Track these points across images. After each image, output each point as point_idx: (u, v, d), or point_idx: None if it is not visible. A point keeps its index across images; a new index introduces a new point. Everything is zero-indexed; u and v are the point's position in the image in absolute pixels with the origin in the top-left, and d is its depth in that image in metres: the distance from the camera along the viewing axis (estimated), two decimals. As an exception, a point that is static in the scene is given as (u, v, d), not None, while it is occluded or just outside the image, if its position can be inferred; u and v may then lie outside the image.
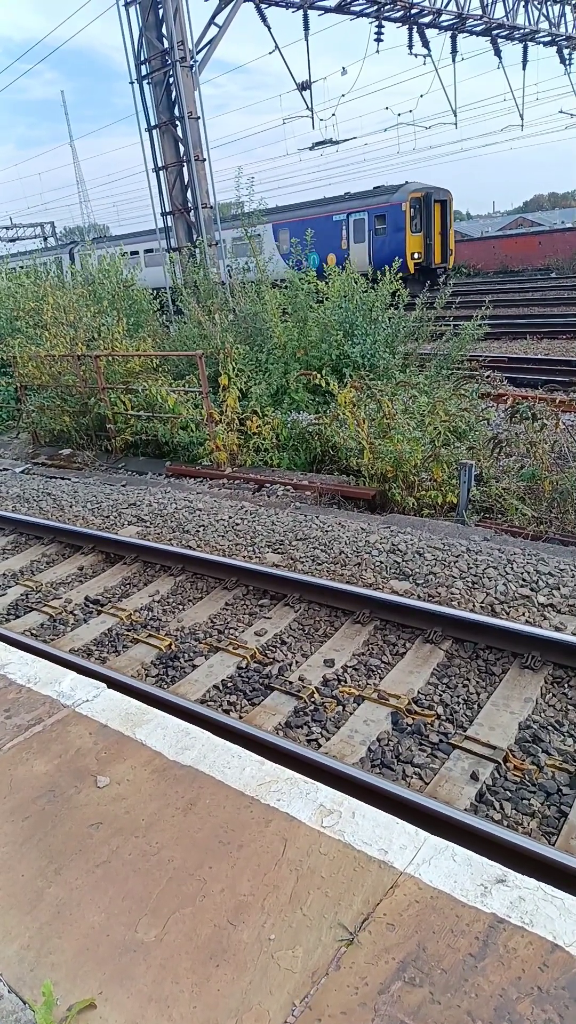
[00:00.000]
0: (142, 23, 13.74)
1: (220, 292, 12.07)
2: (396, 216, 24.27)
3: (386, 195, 24.68)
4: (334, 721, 3.82)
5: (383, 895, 1.89)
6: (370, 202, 25.08)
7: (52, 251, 35.92)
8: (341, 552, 5.72)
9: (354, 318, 9.97)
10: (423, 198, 24.15)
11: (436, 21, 18.61)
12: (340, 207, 25.90)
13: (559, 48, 21.89)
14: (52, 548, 6.75)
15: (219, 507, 7.21)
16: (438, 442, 7.14)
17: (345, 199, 26.05)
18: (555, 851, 2.75)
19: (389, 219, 24.45)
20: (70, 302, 11.83)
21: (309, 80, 17.97)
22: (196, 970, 1.75)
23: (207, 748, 2.55)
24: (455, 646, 4.36)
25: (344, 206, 25.83)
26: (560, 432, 7.35)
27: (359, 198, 25.67)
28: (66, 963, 1.81)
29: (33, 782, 2.47)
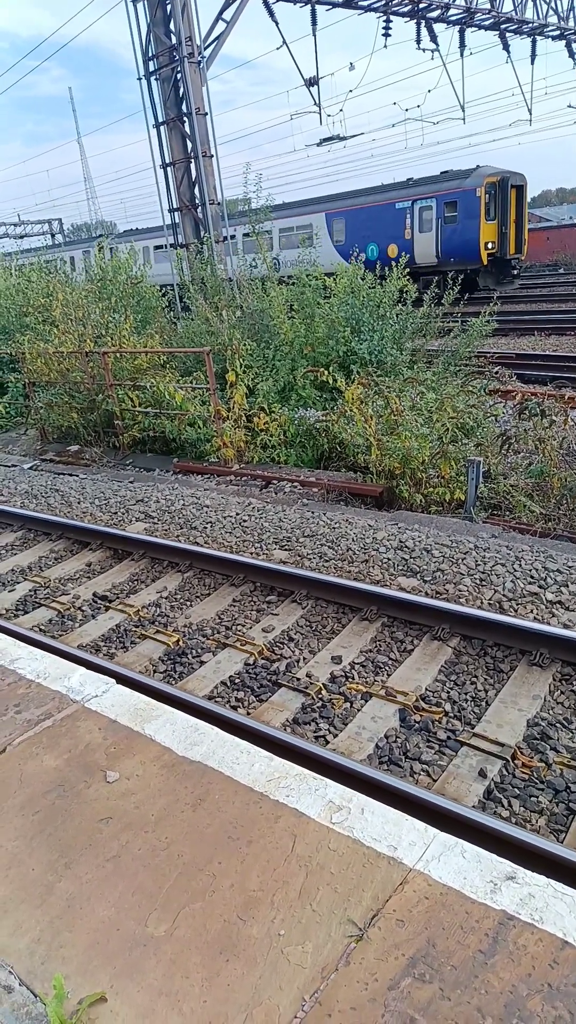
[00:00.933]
0: (150, 19, 13.73)
1: (227, 288, 12.06)
2: (469, 202, 22.13)
3: (458, 180, 22.64)
4: (342, 718, 3.82)
5: (393, 891, 1.89)
6: (439, 188, 22.97)
7: (77, 245, 34.80)
8: (348, 549, 5.72)
9: (361, 314, 9.94)
10: (499, 183, 22.15)
11: (444, 15, 18.51)
12: (404, 194, 24.00)
13: (568, 42, 21.73)
14: (60, 544, 6.77)
15: (226, 504, 7.21)
16: (446, 439, 7.11)
17: (408, 185, 24.20)
18: (564, 848, 2.74)
19: (461, 206, 22.31)
20: (79, 298, 11.84)
21: (317, 76, 17.91)
22: (206, 964, 1.75)
23: (216, 744, 2.55)
24: (463, 643, 4.35)
25: (408, 192, 23.90)
26: (569, 429, 7.32)
27: (425, 184, 23.68)
28: (77, 957, 1.82)
29: (43, 777, 2.48)
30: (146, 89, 14.23)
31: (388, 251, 23.31)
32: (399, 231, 23.92)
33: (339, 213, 25.47)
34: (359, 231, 24.55)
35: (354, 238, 24.34)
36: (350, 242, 24.16)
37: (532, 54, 21.46)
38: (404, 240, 23.52)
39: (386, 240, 23.94)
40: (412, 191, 23.80)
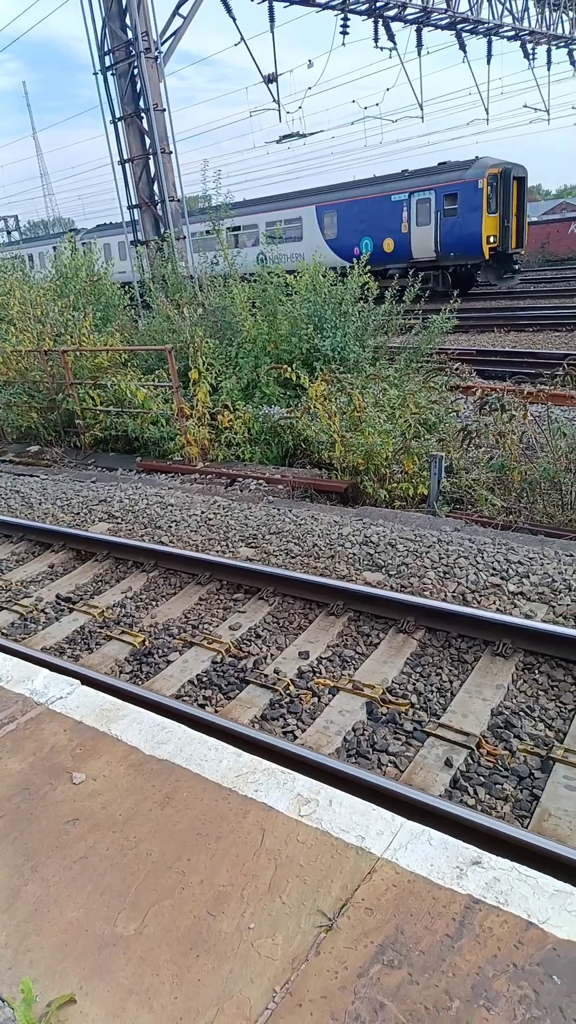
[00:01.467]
0: (105, 13, 13.56)
1: (189, 286, 11.98)
2: (470, 195, 21.26)
3: (458, 171, 21.72)
4: (309, 712, 3.84)
5: (361, 881, 1.91)
6: (438, 179, 22.05)
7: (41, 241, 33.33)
8: (314, 545, 5.74)
9: (323, 311, 9.98)
10: (501, 174, 21.34)
11: (401, 14, 18.66)
12: (400, 186, 22.98)
13: (523, 43, 22.09)
14: (21, 546, 6.67)
15: (191, 502, 7.18)
16: (409, 434, 7.19)
17: (405, 177, 23.27)
18: (528, 833, 2.80)
19: (462, 198, 21.43)
20: (37, 296, 11.65)
21: (275, 73, 17.89)
22: (177, 961, 1.75)
23: (184, 741, 2.55)
24: (428, 635, 4.41)
25: (405, 184, 22.88)
26: (528, 423, 7.45)
27: (423, 175, 22.71)
28: (45, 960, 1.80)
29: (7, 780, 2.44)
30: (102, 84, 14.06)
31: (384, 246, 23.06)
32: (395, 225, 23.00)
33: (330, 206, 24.43)
34: (352, 225, 23.85)
35: (347, 232, 23.81)
36: (343, 237, 23.83)
37: (488, 54, 21.78)
38: (401, 234, 22.80)
39: (382, 234, 23.18)
40: (409, 183, 22.84)
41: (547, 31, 21.75)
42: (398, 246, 22.94)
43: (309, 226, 24.86)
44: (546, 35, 21.89)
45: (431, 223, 22.25)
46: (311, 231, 24.81)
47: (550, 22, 21.74)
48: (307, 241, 24.41)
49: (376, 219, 23.26)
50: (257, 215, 25.87)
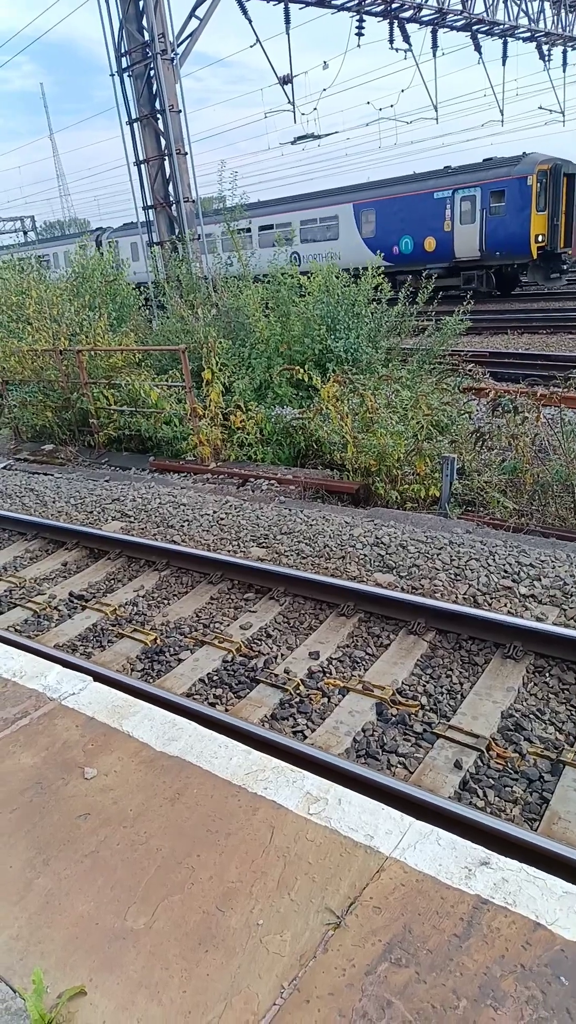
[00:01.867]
0: (122, 15, 13.63)
1: (203, 287, 12.02)
2: (519, 192, 20.24)
3: (506, 167, 20.75)
4: (319, 712, 3.85)
5: (369, 879, 1.92)
6: (484, 176, 21.01)
7: (62, 241, 32.58)
8: (325, 546, 5.75)
9: (336, 312, 9.98)
10: (551, 170, 20.34)
11: (417, 16, 18.63)
12: (443, 183, 21.94)
13: (538, 44, 22.00)
14: (35, 544, 6.72)
15: (203, 502, 7.20)
16: (421, 436, 7.18)
17: (448, 173, 22.17)
18: (537, 836, 2.80)
19: (509, 196, 20.45)
20: (53, 296, 11.73)
21: (291, 74, 17.92)
22: (186, 956, 1.77)
23: (194, 739, 2.56)
24: (438, 637, 4.40)
25: (448, 181, 21.84)
26: (541, 425, 7.43)
27: (468, 172, 21.71)
28: (56, 952, 1.82)
29: (20, 775, 2.47)
30: (119, 86, 14.13)
31: (425, 244, 22.37)
32: (438, 223, 22.00)
33: (369, 204, 23.51)
34: (391, 223, 23.08)
35: (386, 231, 23.13)
36: (382, 235, 23.17)
37: (503, 55, 21.69)
38: (443, 232, 21.87)
39: (423, 233, 22.27)
40: (453, 180, 21.79)
41: (563, 32, 21.66)
42: (440, 245, 22.26)
43: (346, 224, 24.13)
44: (562, 36, 21.80)
45: (476, 221, 21.29)
46: (348, 230, 24.14)
47: (566, 23, 21.65)
48: (343, 240, 23.93)
49: (417, 217, 22.38)
50: (291, 213, 25.32)
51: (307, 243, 24.88)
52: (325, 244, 24.14)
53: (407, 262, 22.57)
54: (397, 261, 22.55)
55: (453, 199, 21.72)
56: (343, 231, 24.30)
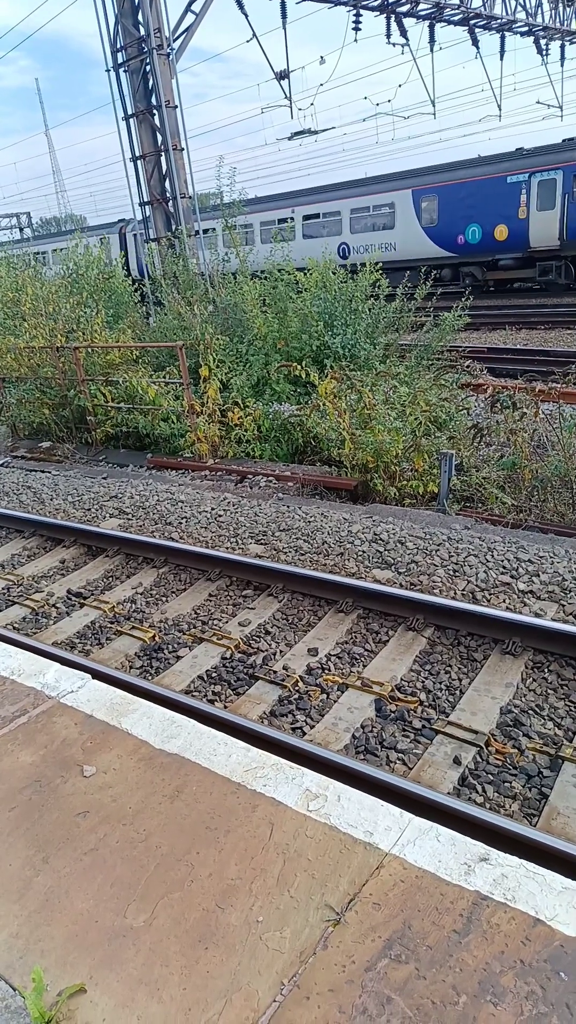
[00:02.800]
0: (117, 9, 13.55)
1: (200, 283, 11.99)
2: None
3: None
4: (318, 709, 3.85)
5: (369, 876, 1.92)
6: (568, 157, 19.20)
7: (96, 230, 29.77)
8: (324, 542, 5.74)
9: (333, 308, 9.96)
10: None
11: (414, 10, 18.55)
12: (518, 165, 20.11)
13: (536, 38, 21.91)
14: (33, 541, 6.71)
15: (201, 499, 7.20)
16: (419, 432, 7.17)
17: (523, 155, 20.40)
18: (537, 831, 2.80)
19: None
20: (49, 293, 11.70)
21: (287, 69, 17.84)
22: (185, 953, 1.77)
23: (193, 736, 2.56)
24: (437, 633, 4.41)
25: (524, 164, 19.99)
26: (539, 421, 7.42)
27: (547, 153, 19.87)
28: (55, 950, 1.82)
29: (19, 773, 2.47)
30: (115, 81, 14.05)
31: (495, 233, 20.71)
32: (511, 209, 20.16)
33: (430, 190, 21.71)
34: (456, 210, 21.32)
35: (450, 219, 21.45)
36: (445, 224, 21.59)
37: (501, 50, 21.60)
38: (517, 220, 20.09)
39: (493, 220, 20.50)
40: (529, 162, 19.96)
41: (561, 27, 21.56)
42: (513, 233, 20.44)
43: (403, 212, 22.38)
44: (559, 31, 21.71)
45: (556, 207, 19.42)
46: (406, 218, 22.40)
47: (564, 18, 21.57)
48: (400, 229, 22.51)
49: (487, 203, 20.58)
50: (340, 201, 23.71)
51: (359, 233, 23.37)
52: (379, 234, 22.83)
53: (474, 252, 21.33)
54: (462, 252, 21.44)
55: (529, 183, 19.74)
56: (400, 220, 22.64)
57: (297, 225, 24.42)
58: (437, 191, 21.68)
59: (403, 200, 22.39)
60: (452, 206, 21.44)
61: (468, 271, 21.75)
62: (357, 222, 23.42)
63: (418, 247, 21.63)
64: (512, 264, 20.54)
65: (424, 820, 2.11)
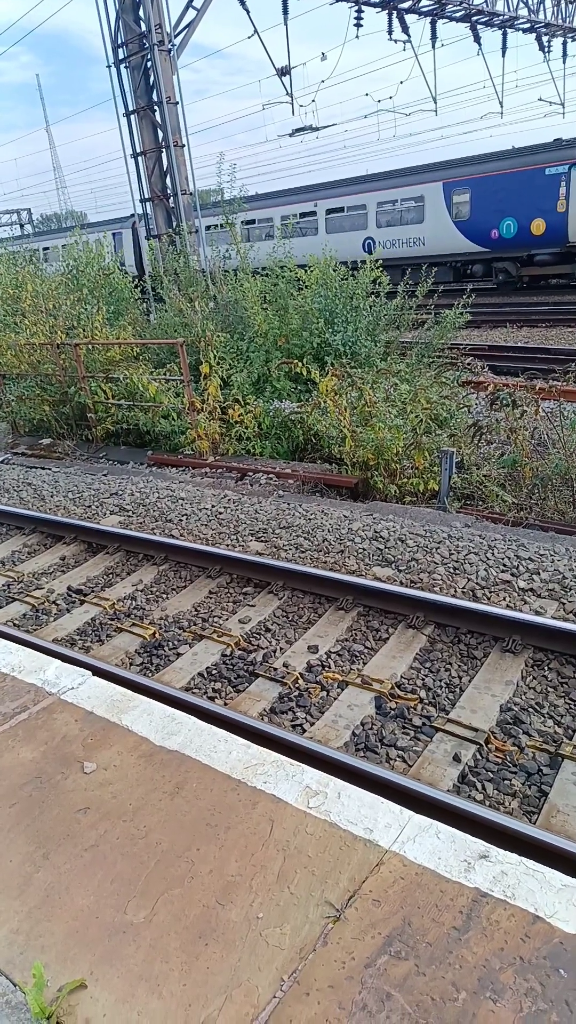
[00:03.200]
0: (118, 5, 13.52)
1: (201, 280, 11.97)
2: None
3: None
4: (318, 706, 3.86)
5: (369, 872, 1.93)
6: None
7: (106, 225, 28.77)
8: (324, 540, 5.74)
9: (334, 306, 9.95)
10: None
11: (416, 6, 18.49)
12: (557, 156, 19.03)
13: (538, 35, 21.85)
14: (33, 538, 6.71)
15: (202, 496, 7.20)
16: (419, 430, 7.17)
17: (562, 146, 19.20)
18: (536, 829, 2.80)
19: None
20: (49, 289, 11.68)
21: (289, 65, 17.79)
22: (186, 949, 1.77)
23: (193, 733, 2.57)
24: (437, 631, 4.41)
25: (563, 155, 18.94)
26: (540, 419, 7.42)
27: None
28: (56, 945, 1.82)
29: (19, 769, 2.47)
30: (115, 77, 14.02)
31: (532, 227, 19.78)
32: (549, 202, 19.16)
33: (463, 182, 20.71)
34: (490, 204, 20.28)
35: (483, 212, 20.44)
36: (477, 218, 20.58)
37: (503, 47, 21.52)
38: (556, 214, 19.11)
39: (529, 214, 19.54)
40: (569, 153, 18.86)
41: (563, 23, 21.50)
42: (551, 227, 19.46)
43: (433, 206, 21.37)
44: (562, 28, 21.65)
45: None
46: (436, 211, 21.38)
47: (566, 15, 21.51)
48: (430, 223, 21.47)
49: (523, 196, 19.59)
50: (366, 194, 22.73)
51: (385, 228, 22.47)
52: (407, 228, 21.93)
53: (508, 247, 20.42)
54: (496, 246, 20.53)
55: (570, 175, 18.71)
56: (430, 213, 21.58)
57: (320, 219, 23.74)
58: (470, 184, 20.66)
59: (433, 193, 21.35)
60: (486, 199, 20.51)
61: (501, 267, 21.02)
62: (384, 216, 22.54)
63: (448, 242, 20.83)
64: (549, 259, 19.65)
65: (424, 817, 2.11)
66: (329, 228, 23.52)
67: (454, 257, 20.07)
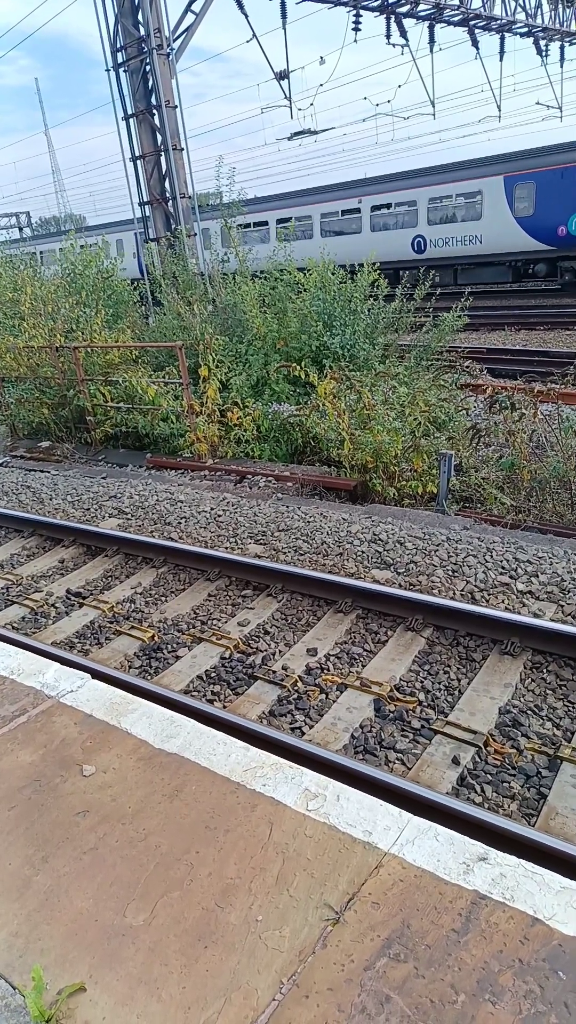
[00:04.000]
0: (117, 9, 13.56)
1: (199, 283, 11.99)
2: None
3: None
4: (317, 709, 3.86)
5: (368, 875, 1.93)
6: None
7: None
8: (323, 542, 5.75)
9: (332, 309, 9.96)
10: None
11: (414, 11, 18.55)
12: None
13: (535, 39, 21.91)
14: (32, 541, 6.71)
15: (200, 499, 7.20)
16: (418, 432, 7.18)
17: None
18: (535, 831, 2.81)
19: None
20: (48, 293, 11.69)
21: (287, 69, 17.84)
22: (185, 952, 1.77)
23: (192, 736, 2.57)
24: (436, 633, 4.41)
25: None
26: (538, 422, 7.43)
27: None
28: (55, 948, 1.82)
29: (18, 772, 2.47)
30: (114, 81, 14.06)
31: None
32: None
33: (526, 176, 19.40)
34: (558, 198, 18.89)
35: (549, 208, 19.10)
36: (543, 214, 19.27)
37: (501, 51, 21.59)
38: None
39: None
40: None
41: (560, 28, 21.57)
42: None
43: (493, 202, 20.12)
44: (559, 32, 21.71)
45: None
46: (496, 208, 20.09)
47: (563, 19, 21.58)
48: (488, 220, 20.24)
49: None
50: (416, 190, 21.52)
51: (437, 225, 21.22)
52: (462, 226, 20.71)
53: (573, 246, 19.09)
54: (563, 244, 19.27)
55: None
56: (488, 209, 20.30)
57: (364, 216, 22.58)
58: (534, 177, 19.31)
59: (493, 188, 19.98)
60: (553, 194, 19.09)
61: (569, 266, 19.78)
62: (436, 212, 21.19)
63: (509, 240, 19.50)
64: None
65: (423, 820, 2.11)
66: (374, 226, 22.40)
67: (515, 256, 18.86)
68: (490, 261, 17.62)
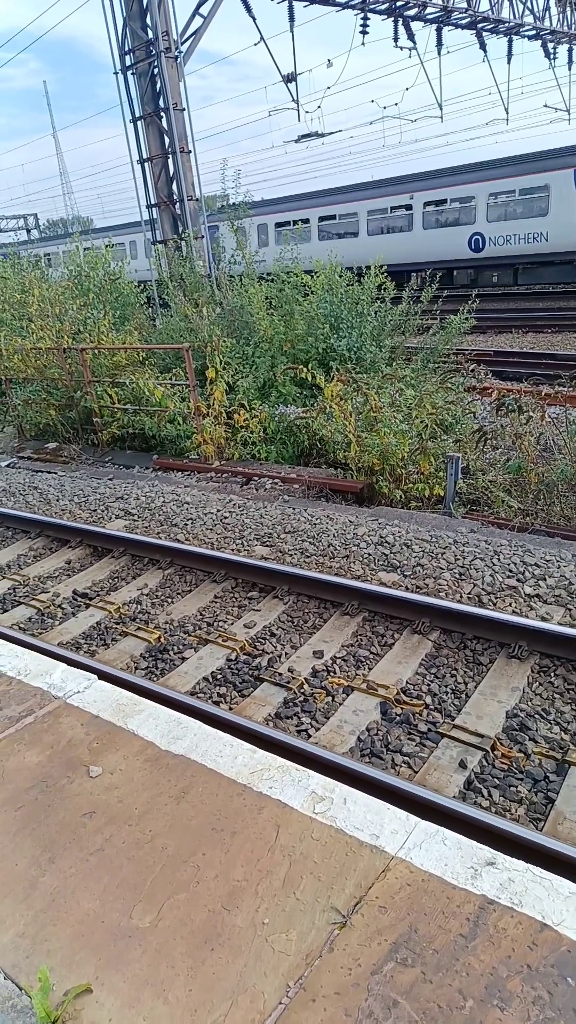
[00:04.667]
0: (126, 13, 13.61)
1: (207, 285, 12.01)
2: None
3: None
4: (323, 711, 3.85)
5: (375, 879, 1.92)
6: None
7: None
8: (329, 545, 5.74)
9: (339, 311, 9.96)
10: None
11: (422, 14, 18.56)
12: None
13: (544, 42, 21.89)
14: (39, 542, 6.72)
15: (207, 500, 7.20)
16: (425, 435, 7.17)
17: None
18: (543, 836, 2.79)
19: None
20: (56, 295, 11.74)
21: (295, 72, 17.85)
22: (191, 954, 1.77)
23: (199, 737, 2.56)
24: (443, 636, 4.40)
25: None
26: (545, 425, 7.41)
27: None
28: (62, 950, 1.82)
29: (25, 773, 2.47)
30: (122, 84, 14.11)
31: None
32: None
33: None
34: None
35: None
36: None
37: (508, 53, 21.56)
38: None
39: None
40: None
41: (568, 30, 21.55)
42: None
43: (562, 196, 18.76)
44: (567, 34, 21.69)
45: None
46: (564, 203, 18.72)
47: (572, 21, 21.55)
48: (556, 216, 18.91)
49: None
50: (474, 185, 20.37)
51: (497, 222, 20.13)
52: (526, 222, 19.55)
53: None
54: None
55: None
56: (556, 205, 18.98)
57: (416, 214, 21.40)
58: None
59: (562, 181, 18.63)
60: None
61: None
62: (496, 208, 20.04)
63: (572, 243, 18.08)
64: None
65: (430, 823, 2.10)
66: (427, 223, 21.21)
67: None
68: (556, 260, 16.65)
